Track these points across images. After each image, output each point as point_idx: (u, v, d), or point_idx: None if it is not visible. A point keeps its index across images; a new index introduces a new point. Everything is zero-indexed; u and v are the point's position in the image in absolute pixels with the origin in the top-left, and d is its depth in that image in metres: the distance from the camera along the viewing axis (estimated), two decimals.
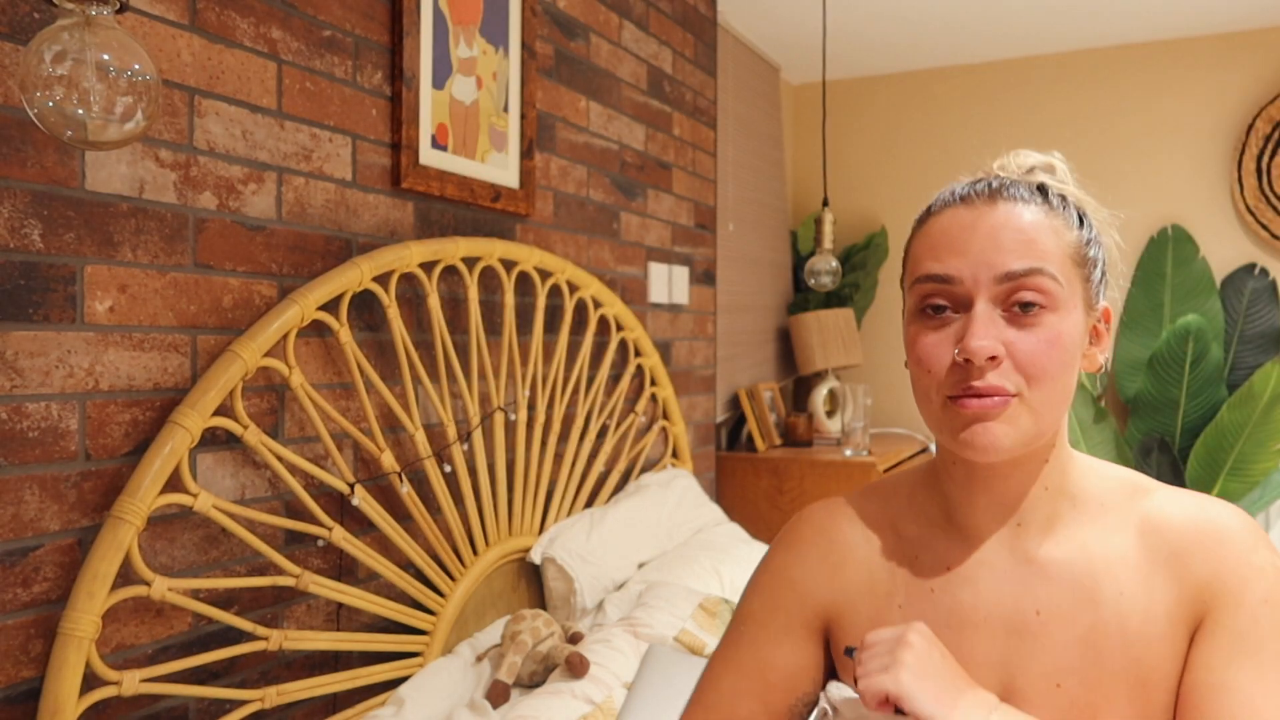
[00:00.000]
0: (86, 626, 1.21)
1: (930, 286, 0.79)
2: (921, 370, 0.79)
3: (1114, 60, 3.80)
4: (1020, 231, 0.77)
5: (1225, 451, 3.39)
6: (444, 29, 1.89)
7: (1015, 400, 0.75)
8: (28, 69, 1.00)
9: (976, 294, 0.76)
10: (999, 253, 0.76)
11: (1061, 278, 0.77)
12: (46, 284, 1.23)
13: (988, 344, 0.74)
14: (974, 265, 0.76)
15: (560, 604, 2.03)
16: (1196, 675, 0.74)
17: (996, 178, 0.82)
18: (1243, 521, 0.79)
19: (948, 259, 0.78)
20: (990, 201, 0.79)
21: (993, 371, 0.75)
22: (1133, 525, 0.81)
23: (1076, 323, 0.78)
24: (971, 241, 0.77)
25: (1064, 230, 0.79)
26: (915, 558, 0.86)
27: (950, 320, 0.78)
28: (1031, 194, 0.80)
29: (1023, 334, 0.76)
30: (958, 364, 0.76)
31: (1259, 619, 0.74)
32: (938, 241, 0.79)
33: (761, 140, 3.78)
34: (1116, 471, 0.85)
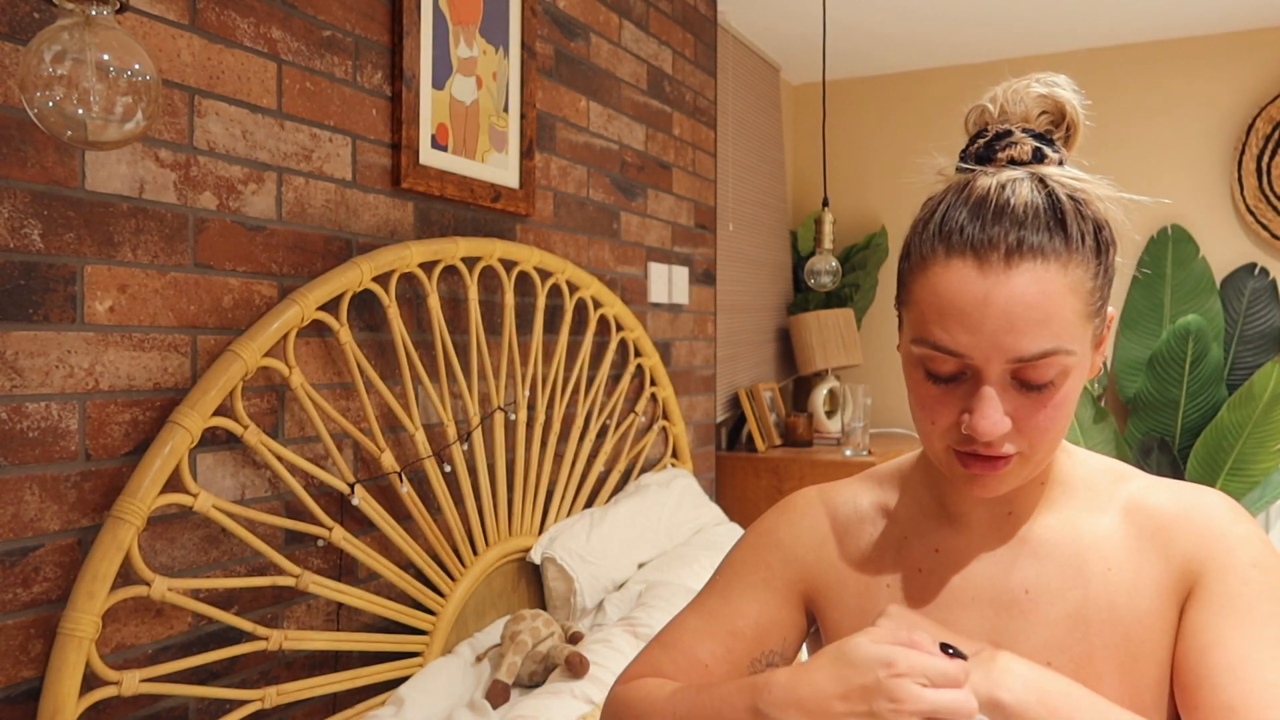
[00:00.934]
0: (86, 626, 1.21)
1: (936, 355, 0.73)
2: (925, 419, 0.76)
3: (1114, 60, 3.80)
4: (1036, 309, 0.70)
5: (1225, 451, 3.39)
6: (444, 29, 1.89)
7: (1019, 456, 0.75)
8: (28, 69, 1.00)
9: (986, 372, 0.72)
10: (1012, 334, 0.70)
11: (1076, 343, 0.72)
12: (46, 284, 1.23)
13: (997, 428, 0.71)
14: (985, 346, 0.71)
15: (560, 604, 2.03)
16: (1190, 639, 0.75)
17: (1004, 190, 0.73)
18: (1224, 500, 0.80)
19: (956, 334, 0.71)
20: (1006, 264, 0.70)
21: (1001, 443, 0.73)
22: (1118, 506, 0.82)
23: (1085, 366, 0.75)
24: (984, 320, 0.70)
25: (1081, 283, 0.72)
26: (905, 539, 0.87)
27: (956, 382, 0.74)
28: (1052, 234, 0.71)
29: (1032, 402, 0.72)
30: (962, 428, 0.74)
31: (1248, 581, 0.74)
32: (946, 309, 0.72)
33: (761, 140, 3.78)
34: (1101, 460, 0.86)
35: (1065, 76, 0.78)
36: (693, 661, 0.87)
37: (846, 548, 0.89)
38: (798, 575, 0.90)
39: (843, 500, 0.92)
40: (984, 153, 0.77)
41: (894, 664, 0.66)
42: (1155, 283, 3.70)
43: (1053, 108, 0.77)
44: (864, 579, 0.87)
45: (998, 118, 0.78)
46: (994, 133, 0.77)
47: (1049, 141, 0.76)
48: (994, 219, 0.71)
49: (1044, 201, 0.72)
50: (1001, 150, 0.76)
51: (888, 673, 0.66)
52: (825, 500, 0.92)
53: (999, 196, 0.72)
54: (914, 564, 0.85)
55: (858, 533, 0.89)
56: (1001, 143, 0.76)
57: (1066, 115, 0.78)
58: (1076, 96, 0.78)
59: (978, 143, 0.78)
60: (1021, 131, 0.76)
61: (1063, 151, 0.77)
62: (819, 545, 0.90)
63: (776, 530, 0.92)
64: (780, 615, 0.89)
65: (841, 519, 0.91)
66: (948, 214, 0.74)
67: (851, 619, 0.87)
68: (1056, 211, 0.72)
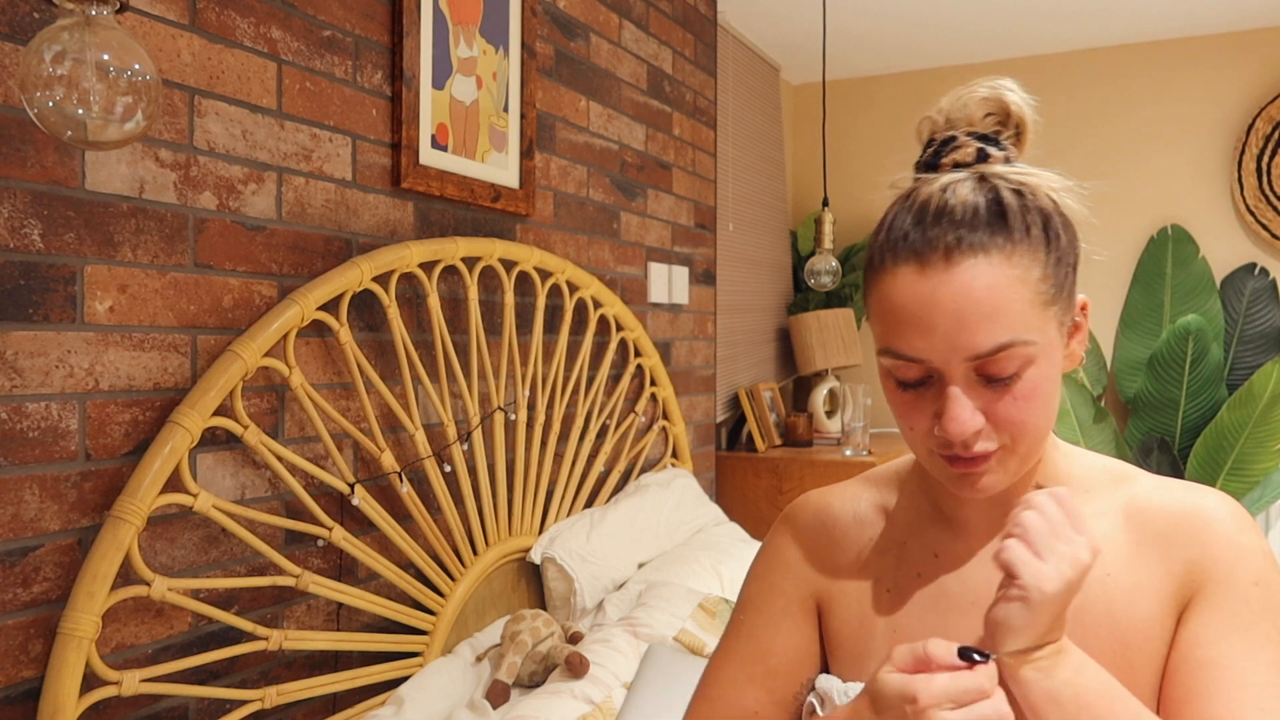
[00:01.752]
0: (86, 626, 1.21)
1: (898, 364, 0.74)
2: (902, 424, 0.77)
3: (1114, 60, 3.80)
4: (983, 302, 0.70)
5: (1225, 451, 3.39)
6: (444, 29, 1.89)
7: (1001, 451, 0.74)
8: (28, 69, 1.00)
9: (947, 373, 0.72)
10: (964, 332, 0.70)
11: (1033, 332, 0.71)
12: (46, 284, 1.23)
13: (965, 427, 0.72)
14: (940, 347, 0.71)
15: (560, 604, 2.03)
16: (1185, 651, 0.74)
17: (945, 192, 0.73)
18: (1229, 505, 0.79)
19: (912, 340, 0.72)
20: (946, 261, 0.70)
21: (976, 441, 0.73)
22: (1119, 509, 0.81)
23: (1054, 357, 0.74)
24: (935, 321, 0.71)
25: (1029, 271, 0.71)
26: (904, 544, 0.86)
27: (926, 386, 0.74)
28: (990, 227, 0.71)
29: (1001, 397, 0.72)
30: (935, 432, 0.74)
31: (1250, 600, 0.74)
32: (898, 316, 0.72)
33: (761, 140, 3.78)
34: (1100, 460, 0.85)
35: (1011, 79, 0.79)
36: (742, 712, 0.87)
37: (847, 554, 0.89)
38: (809, 592, 0.90)
39: (842, 506, 0.92)
40: (930, 160, 0.78)
41: (916, 698, 0.66)
42: (1155, 283, 3.70)
43: (997, 108, 0.78)
44: (864, 585, 0.87)
45: (944, 126, 0.79)
46: (940, 139, 0.78)
47: (994, 141, 0.77)
48: (934, 222, 0.72)
49: (984, 199, 0.73)
50: (946, 155, 0.77)
51: (914, 709, 0.66)
52: (825, 507, 0.92)
53: (939, 200, 0.73)
54: (913, 569, 0.85)
55: (857, 538, 0.89)
56: (946, 149, 0.77)
57: (1012, 114, 0.78)
58: (1022, 95, 0.78)
59: (926, 152, 0.79)
60: (966, 135, 0.77)
61: (1011, 150, 0.77)
62: (822, 557, 0.90)
63: (783, 551, 0.92)
64: (807, 641, 0.89)
65: (842, 525, 0.90)
66: (893, 224, 0.75)
67: (852, 626, 0.86)
68: (997, 206, 0.72)
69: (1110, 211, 3.80)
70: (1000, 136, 0.77)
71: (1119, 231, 3.79)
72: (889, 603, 0.85)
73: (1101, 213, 3.94)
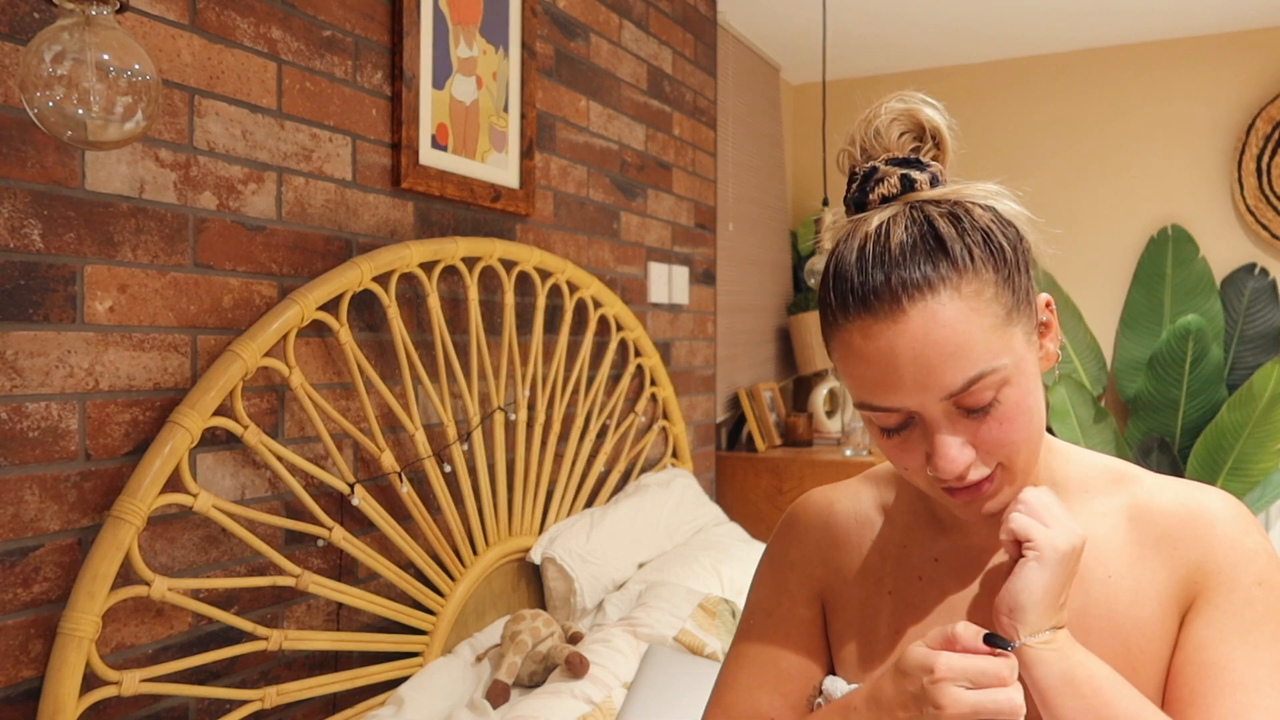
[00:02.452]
0: (86, 626, 1.21)
1: (876, 414, 0.73)
2: (895, 463, 0.77)
3: (1114, 60, 3.80)
4: (944, 343, 0.69)
5: (1225, 451, 3.39)
6: (444, 29, 1.89)
7: (998, 471, 0.74)
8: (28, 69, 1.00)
9: (926, 415, 0.71)
10: (932, 375, 0.69)
11: (1001, 355, 0.70)
12: (46, 284, 1.23)
13: (957, 464, 0.71)
14: (913, 394, 0.70)
15: (560, 604, 2.03)
16: (1189, 654, 0.74)
17: (878, 239, 0.71)
18: (1232, 505, 0.79)
19: (883, 393, 0.71)
20: (897, 312, 0.69)
21: (969, 471, 0.73)
22: (1121, 510, 0.81)
23: (1028, 368, 0.73)
24: (901, 371, 0.70)
25: (980, 298, 0.70)
26: (904, 546, 0.86)
27: (908, 428, 0.74)
28: (932, 264, 0.69)
29: (985, 425, 0.72)
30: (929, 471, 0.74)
31: (1253, 600, 0.74)
32: (864, 372, 0.71)
33: (761, 140, 3.78)
34: (1099, 459, 0.85)
35: (916, 92, 0.77)
36: (757, 717, 0.87)
37: (850, 555, 0.89)
38: (814, 592, 0.90)
39: (844, 505, 0.92)
40: (858, 197, 0.76)
41: (934, 669, 0.68)
42: (1155, 283, 3.70)
43: (910, 124, 0.76)
44: (866, 588, 0.87)
45: (861, 157, 0.77)
46: (862, 174, 0.76)
47: (916, 164, 0.74)
48: (875, 267, 0.70)
49: (918, 233, 0.71)
50: (871, 190, 0.75)
51: (930, 679, 0.68)
52: (828, 506, 0.92)
53: (875, 244, 0.71)
54: (914, 573, 0.85)
55: (859, 538, 0.89)
56: (870, 183, 0.75)
57: (926, 128, 0.76)
58: (932, 105, 0.77)
59: (851, 188, 0.77)
60: (886, 164, 0.75)
61: (934, 167, 0.75)
62: (825, 558, 0.90)
63: (788, 553, 0.92)
64: (817, 641, 0.89)
65: (845, 525, 0.90)
66: (837, 272, 0.73)
67: (855, 628, 0.86)
68: (933, 239, 0.70)
69: (1110, 211, 3.80)
70: (921, 154, 0.76)
71: (1119, 231, 3.79)
72: (891, 606, 0.85)
73: (1101, 213, 3.95)
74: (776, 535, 0.95)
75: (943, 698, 0.67)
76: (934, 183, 0.74)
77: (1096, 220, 3.82)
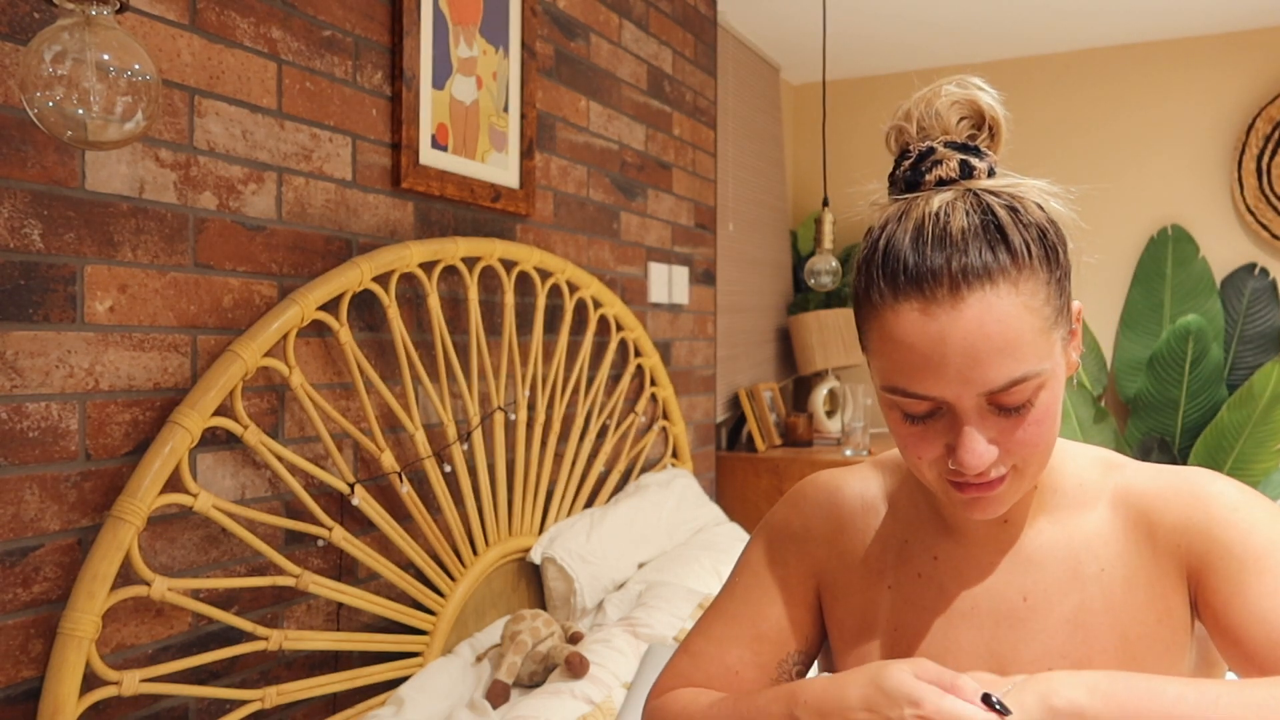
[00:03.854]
0: (86, 626, 1.21)
1: (906, 401, 0.71)
2: (909, 453, 0.75)
3: (1114, 60, 3.80)
4: (995, 338, 0.67)
5: (1225, 451, 3.39)
6: (444, 29, 1.89)
7: (1012, 472, 0.73)
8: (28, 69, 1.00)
9: (960, 409, 0.70)
10: (977, 369, 0.67)
11: (1045, 360, 0.69)
12: (46, 284, 1.23)
13: (983, 460, 0.70)
14: (953, 386, 0.68)
15: (560, 604, 2.03)
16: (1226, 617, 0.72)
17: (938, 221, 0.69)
18: (1204, 471, 0.79)
19: (922, 379, 0.69)
20: (954, 296, 0.67)
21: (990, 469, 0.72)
22: (1106, 499, 0.81)
23: (1060, 374, 0.73)
24: (946, 361, 0.68)
25: (1034, 296, 0.69)
26: (906, 542, 0.86)
27: (934, 418, 0.72)
28: (994, 252, 0.68)
29: (1013, 424, 0.71)
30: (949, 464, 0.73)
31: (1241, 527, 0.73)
32: (906, 356, 0.69)
33: (761, 140, 3.78)
34: (1090, 451, 0.85)
35: (978, 76, 0.75)
36: (722, 669, 0.87)
37: (854, 542, 0.89)
38: (810, 570, 0.90)
39: (852, 489, 0.91)
40: (911, 177, 0.74)
41: (921, 704, 0.65)
42: (1155, 283, 3.70)
43: (970, 111, 0.75)
44: (867, 580, 0.87)
45: (917, 135, 0.75)
46: (917, 153, 0.74)
47: (975, 150, 0.73)
48: (934, 250, 0.68)
49: (980, 221, 0.69)
50: (928, 171, 0.73)
51: (913, 712, 0.65)
52: (837, 489, 0.92)
53: (934, 226, 0.69)
54: (914, 569, 0.85)
55: (864, 525, 0.89)
56: (926, 163, 0.73)
57: (985, 116, 0.75)
58: (992, 94, 0.75)
59: (903, 166, 0.75)
60: (944, 146, 0.73)
61: (990, 157, 0.74)
62: (829, 539, 0.90)
63: (790, 524, 0.92)
64: (800, 614, 0.89)
65: (850, 510, 0.90)
66: (888, 251, 0.71)
67: (854, 619, 0.86)
68: (995, 228, 0.69)
69: (1110, 212, 3.79)
70: (976, 142, 0.75)
71: (1119, 231, 3.79)
72: (890, 601, 0.85)
73: (1102, 213, 3.95)
74: (780, 505, 0.94)
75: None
76: (991, 173, 0.74)
77: (1096, 220, 3.82)
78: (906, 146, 0.76)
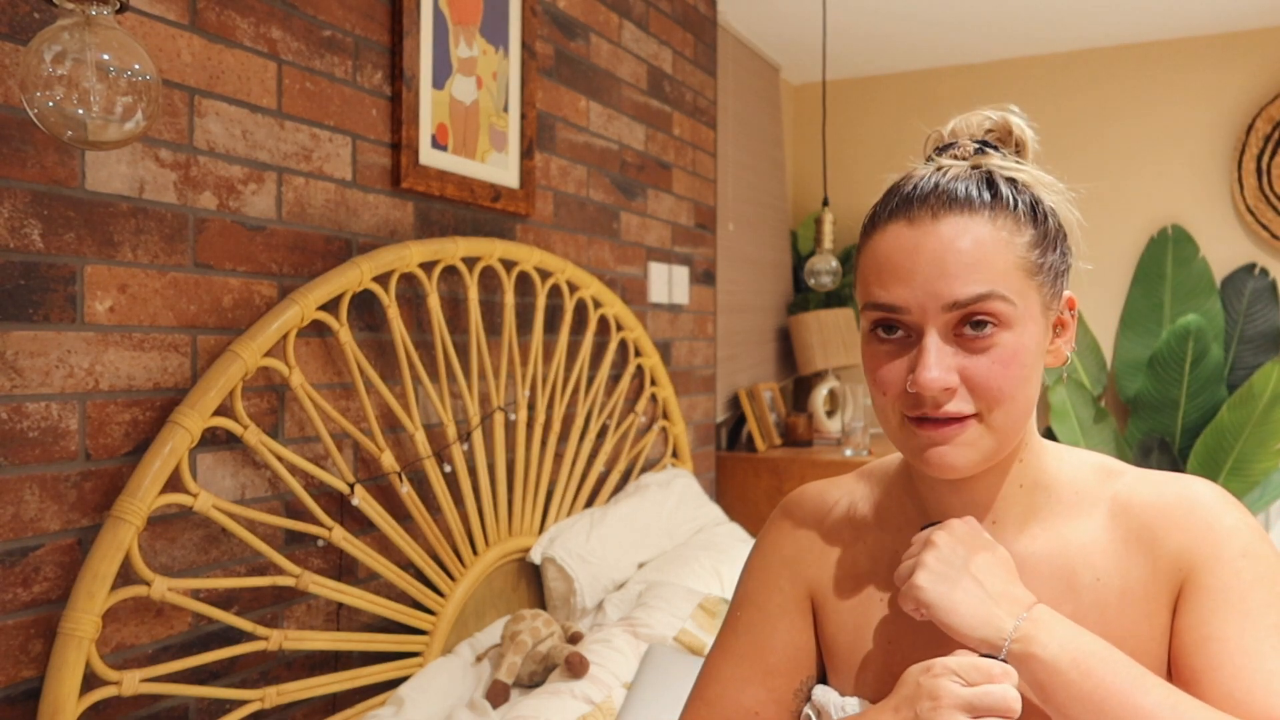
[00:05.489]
0: (86, 626, 1.21)
1: (879, 314, 0.76)
2: (877, 391, 0.78)
3: (1114, 60, 3.80)
4: (965, 253, 0.73)
5: (1225, 451, 3.39)
6: (444, 29, 1.89)
7: (973, 421, 0.74)
8: (28, 69, 1.00)
9: (925, 323, 0.74)
10: (944, 279, 0.73)
11: (1013, 294, 0.74)
12: (46, 284, 1.23)
13: (938, 376, 0.72)
14: (920, 294, 0.73)
15: (560, 604, 2.03)
16: (1184, 635, 0.74)
17: (941, 172, 0.78)
18: (1209, 488, 0.79)
19: (893, 287, 0.74)
20: (934, 217, 0.74)
21: (948, 399, 0.74)
22: (1103, 508, 0.81)
23: (1034, 332, 0.75)
24: (916, 268, 0.74)
25: (1014, 237, 0.75)
26: (896, 552, 0.86)
27: (904, 343, 0.76)
28: (979, 192, 0.75)
29: (976, 358, 0.73)
30: (908, 387, 0.75)
31: (1239, 572, 0.74)
32: (883, 265, 0.76)
33: (761, 140, 3.78)
34: (1088, 457, 0.85)
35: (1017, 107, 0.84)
36: (741, 712, 0.87)
37: (844, 556, 0.88)
38: (805, 590, 0.89)
39: (837, 501, 0.91)
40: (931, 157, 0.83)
41: (930, 667, 0.72)
42: (1155, 283, 3.70)
43: (999, 127, 0.83)
44: (858, 591, 0.87)
45: (948, 137, 0.85)
46: (943, 145, 0.84)
47: (993, 146, 0.81)
48: (927, 185, 0.77)
49: (977, 176, 0.77)
50: (945, 154, 0.82)
51: (927, 676, 0.71)
52: (823, 503, 0.92)
53: (932, 175, 0.78)
54: None
55: (852, 538, 0.89)
56: (946, 145, 0.83)
57: (1014, 133, 0.82)
58: (1024, 120, 0.83)
59: (927, 150, 0.85)
60: (968, 140, 0.82)
61: (1011, 157, 0.81)
62: (818, 553, 0.90)
63: (780, 547, 0.91)
64: (805, 638, 0.89)
65: (837, 522, 0.90)
66: (890, 192, 0.79)
67: (848, 633, 0.86)
68: (987, 181, 0.77)
69: (1111, 211, 3.79)
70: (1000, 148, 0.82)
71: (1119, 231, 3.79)
72: (883, 614, 0.85)
73: (1102, 213, 3.94)
74: (769, 528, 0.94)
75: (939, 689, 0.70)
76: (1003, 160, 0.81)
77: (1096, 220, 3.82)
78: (937, 145, 0.85)
